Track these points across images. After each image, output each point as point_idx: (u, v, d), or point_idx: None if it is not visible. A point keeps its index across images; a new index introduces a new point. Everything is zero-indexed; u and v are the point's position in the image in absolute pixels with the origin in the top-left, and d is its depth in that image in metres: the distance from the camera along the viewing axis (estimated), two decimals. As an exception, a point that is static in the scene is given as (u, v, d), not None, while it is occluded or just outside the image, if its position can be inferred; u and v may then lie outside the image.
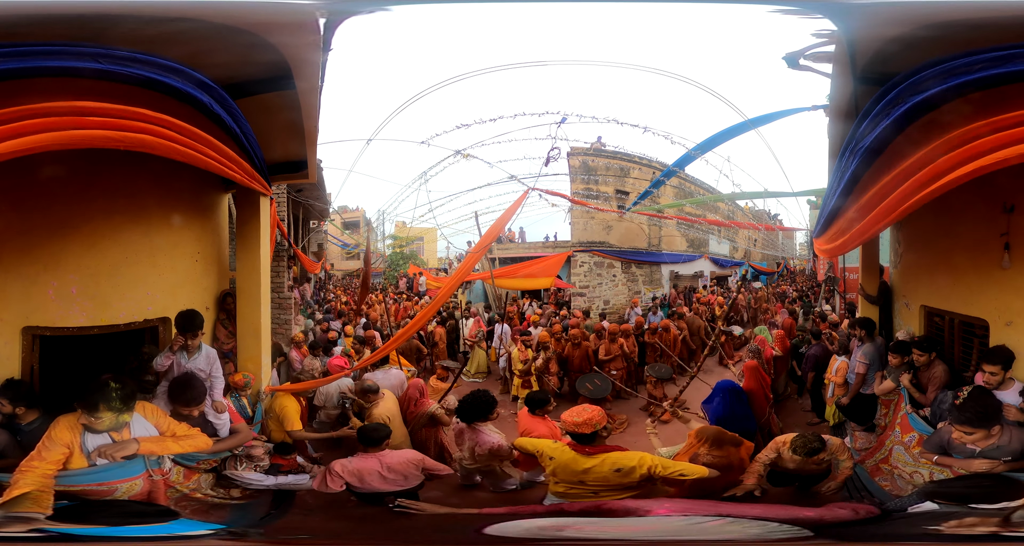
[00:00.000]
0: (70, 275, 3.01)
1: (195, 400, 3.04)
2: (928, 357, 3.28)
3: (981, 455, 2.77)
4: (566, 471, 2.94)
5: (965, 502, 2.73)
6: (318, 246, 5.11)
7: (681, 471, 2.92)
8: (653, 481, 2.92)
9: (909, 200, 2.55)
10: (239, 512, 3.15)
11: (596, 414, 2.93)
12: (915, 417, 3.25)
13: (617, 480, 2.89)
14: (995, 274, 2.96)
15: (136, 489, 2.80)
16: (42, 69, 2.44)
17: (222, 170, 2.99)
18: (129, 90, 2.60)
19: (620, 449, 2.97)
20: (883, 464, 3.30)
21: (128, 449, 2.75)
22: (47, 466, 2.62)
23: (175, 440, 2.90)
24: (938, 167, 2.43)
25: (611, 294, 4.95)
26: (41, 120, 2.36)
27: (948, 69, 2.54)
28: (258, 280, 3.65)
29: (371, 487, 3.10)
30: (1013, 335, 2.91)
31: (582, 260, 4.86)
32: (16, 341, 2.94)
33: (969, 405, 2.80)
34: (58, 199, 2.97)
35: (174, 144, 2.69)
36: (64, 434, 2.68)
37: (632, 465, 2.87)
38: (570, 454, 2.93)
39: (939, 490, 2.85)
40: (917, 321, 3.63)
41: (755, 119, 3.73)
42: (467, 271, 4.32)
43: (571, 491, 2.95)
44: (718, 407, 3.76)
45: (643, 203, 4.60)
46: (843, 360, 3.79)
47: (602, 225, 4.81)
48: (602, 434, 2.94)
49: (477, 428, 3.36)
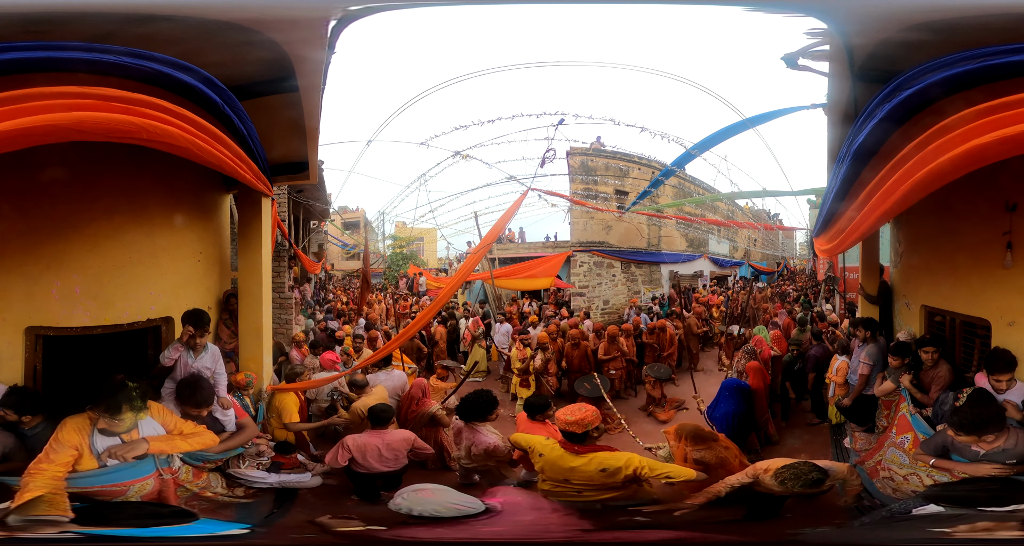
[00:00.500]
0: (73, 275, 3.03)
1: (205, 401, 3.08)
2: (935, 355, 3.25)
3: (986, 458, 2.73)
4: (553, 468, 2.96)
5: (973, 505, 2.67)
6: (318, 246, 5.14)
7: (668, 474, 2.90)
8: (638, 482, 2.92)
9: (898, 193, 2.52)
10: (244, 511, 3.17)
11: (589, 414, 2.93)
12: (917, 418, 3.23)
13: (601, 480, 2.90)
14: (997, 274, 2.93)
15: (147, 489, 2.81)
16: (56, 61, 2.43)
17: (234, 169, 2.99)
18: (138, 87, 2.56)
19: (610, 449, 2.98)
20: (879, 467, 3.29)
21: (138, 449, 2.75)
22: (56, 468, 2.60)
23: (183, 438, 2.91)
24: (928, 157, 2.40)
25: (611, 294, 4.95)
26: (67, 100, 2.33)
27: (939, 65, 2.52)
28: (260, 280, 3.68)
29: (368, 465, 3.29)
30: (1015, 335, 2.88)
31: (582, 260, 4.87)
32: (19, 341, 2.97)
33: (966, 411, 2.75)
34: (61, 199, 3.00)
35: (196, 139, 2.66)
36: (72, 436, 2.67)
37: (618, 466, 2.87)
38: (559, 451, 2.95)
39: (944, 493, 2.79)
40: (918, 321, 3.61)
41: (754, 118, 3.73)
42: (468, 272, 4.34)
43: (556, 489, 2.98)
44: (728, 404, 3.76)
45: (642, 203, 4.60)
46: (843, 360, 3.77)
47: (601, 225, 4.82)
48: (593, 434, 2.95)
49: (475, 428, 3.38)
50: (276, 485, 3.25)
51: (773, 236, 5.40)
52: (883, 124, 2.67)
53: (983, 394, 2.84)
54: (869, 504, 3.13)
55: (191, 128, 2.65)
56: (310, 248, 5.02)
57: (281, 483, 3.26)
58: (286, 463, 3.37)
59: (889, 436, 3.34)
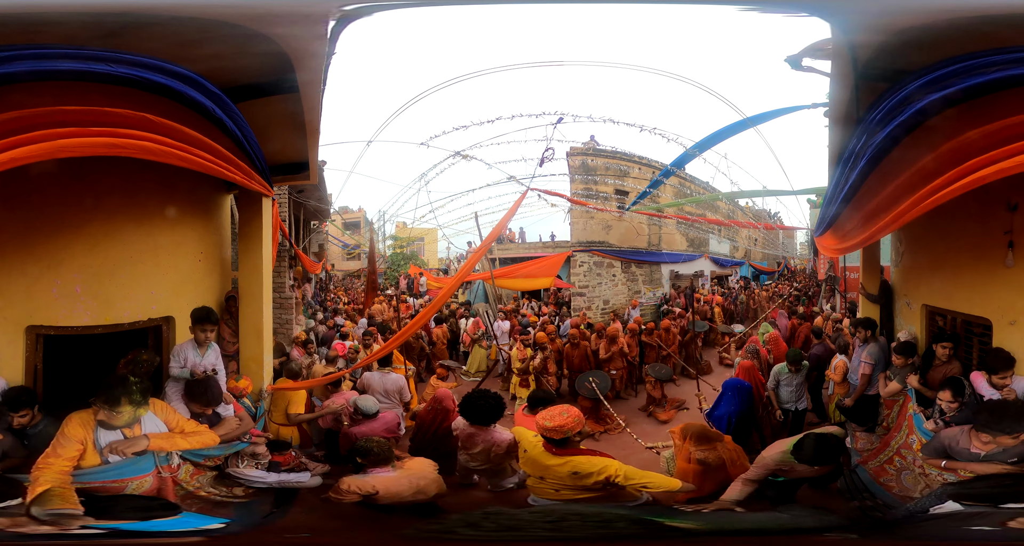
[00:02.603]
0: (73, 274, 3.04)
1: (215, 400, 3.15)
2: (950, 351, 3.25)
3: (986, 459, 2.74)
4: (532, 464, 2.99)
5: (992, 502, 2.67)
6: (319, 246, 5.15)
7: (646, 483, 2.86)
8: (619, 487, 2.89)
9: (906, 214, 2.56)
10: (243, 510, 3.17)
11: (570, 421, 2.89)
12: (920, 419, 3.22)
13: (572, 482, 2.90)
14: (998, 273, 2.93)
15: (146, 486, 2.84)
16: (40, 73, 2.48)
17: (221, 173, 3.03)
18: (129, 93, 2.63)
19: (591, 453, 2.97)
20: (888, 465, 3.27)
21: (139, 445, 2.80)
22: (63, 463, 2.67)
23: (184, 437, 2.95)
24: (936, 180, 2.43)
25: (611, 294, 4.94)
26: (42, 131, 2.41)
27: (944, 75, 2.52)
28: (260, 280, 3.68)
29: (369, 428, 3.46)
30: (1016, 334, 2.88)
31: (582, 260, 4.86)
32: (20, 340, 2.98)
33: (998, 409, 2.77)
34: (60, 198, 3.01)
35: (175, 151, 2.74)
36: (77, 430, 2.73)
37: (591, 471, 2.86)
38: (539, 449, 2.96)
39: (962, 491, 2.78)
40: (919, 320, 3.60)
41: (754, 117, 3.72)
42: (468, 272, 4.35)
43: (536, 485, 3.00)
44: (730, 404, 3.75)
45: (642, 202, 4.60)
46: (842, 359, 3.77)
47: (602, 225, 4.81)
48: (575, 438, 2.93)
49: (490, 429, 3.33)
50: (276, 485, 3.25)
51: (773, 236, 5.39)
52: (887, 139, 2.68)
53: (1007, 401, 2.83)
54: (872, 504, 3.12)
55: (169, 140, 2.71)
56: (310, 248, 5.03)
57: (281, 483, 3.26)
58: (284, 461, 3.37)
59: (895, 436, 3.33)
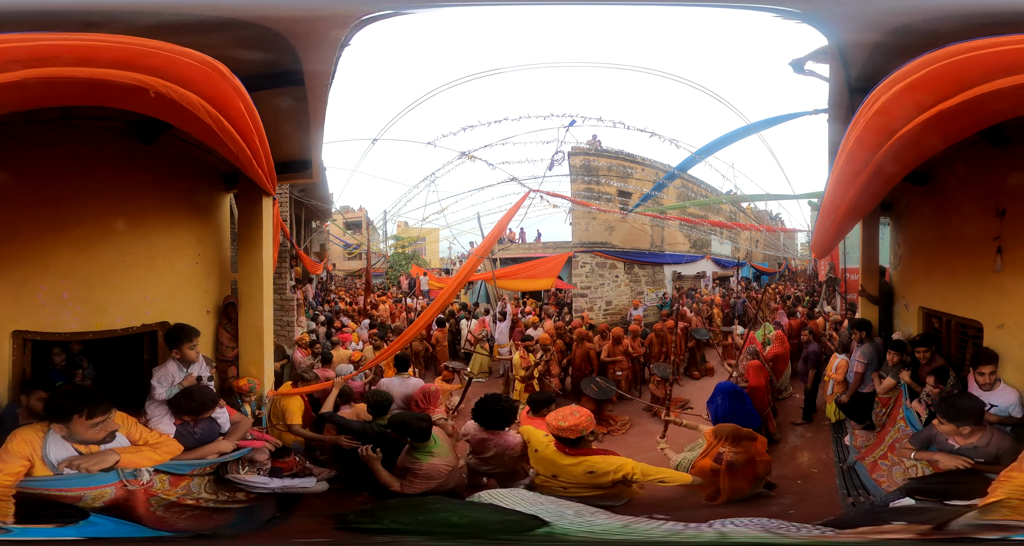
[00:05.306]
0: (61, 279, 2.92)
1: (209, 405, 3.04)
2: (928, 354, 3.35)
3: (959, 452, 2.81)
4: (543, 464, 2.99)
5: (941, 498, 2.74)
6: (320, 246, 5.06)
7: (662, 478, 2.91)
8: (628, 484, 2.92)
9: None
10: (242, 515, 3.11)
11: (583, 420, 2.90)
12: (911, 413, 3.32)
13: (587, 481, 2.91)
14: (989, 277, 3.00)
15: (106, 497, 2.70)
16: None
17: (250, 162, 2.88)
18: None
19: (605, 453, 2.99)
20: (882, 460, 3.36)
21: (107, 461, 2.67)
22: (3, 477, 2.54)
23: (153, 449, 2.82)
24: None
25: (613, 295, 4.96)
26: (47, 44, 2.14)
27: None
28: (260, 283, 3.58)
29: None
30: (1004, 337, 2.96)
31: (583, 261, 4.86)
32: (6, 344, 2.86)
33: (950, 399, 2.87)
34: (48, 199, 2.89)
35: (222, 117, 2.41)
36: (22, 447, 2.59)
37: (607, 470, 2.88)
38: (552, 449, 2.96)
39: (918, 486, 2.88)
40: (916, 322, 3.70)
41: (758, 123, 3.75)
42: (469, 272, 4.31)
43: (545, 483, 3.00)
44: (721, 408, 3.81)
45: (645, 204, 4.62)
46: (843, 358, 3.85)
47: (604, 226, 4.81)
48: (588, 438, 2.94)
49: (502, 433, 3.30)
50: (279, 490, 3.19)
51: (775, 237, 5.47)
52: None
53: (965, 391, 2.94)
54: (865, 500, 3.21)
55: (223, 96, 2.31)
56: (312, 248, 4.93)
57: (284, 488, 3.20)
58: (285, 467, 3.31)
59: (888, 432, 3.42)
